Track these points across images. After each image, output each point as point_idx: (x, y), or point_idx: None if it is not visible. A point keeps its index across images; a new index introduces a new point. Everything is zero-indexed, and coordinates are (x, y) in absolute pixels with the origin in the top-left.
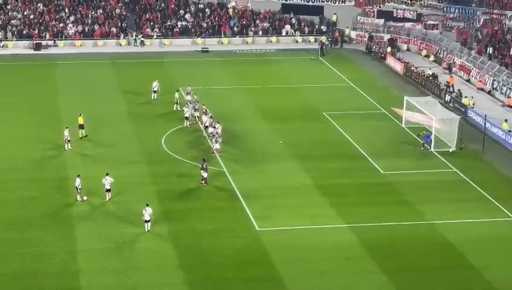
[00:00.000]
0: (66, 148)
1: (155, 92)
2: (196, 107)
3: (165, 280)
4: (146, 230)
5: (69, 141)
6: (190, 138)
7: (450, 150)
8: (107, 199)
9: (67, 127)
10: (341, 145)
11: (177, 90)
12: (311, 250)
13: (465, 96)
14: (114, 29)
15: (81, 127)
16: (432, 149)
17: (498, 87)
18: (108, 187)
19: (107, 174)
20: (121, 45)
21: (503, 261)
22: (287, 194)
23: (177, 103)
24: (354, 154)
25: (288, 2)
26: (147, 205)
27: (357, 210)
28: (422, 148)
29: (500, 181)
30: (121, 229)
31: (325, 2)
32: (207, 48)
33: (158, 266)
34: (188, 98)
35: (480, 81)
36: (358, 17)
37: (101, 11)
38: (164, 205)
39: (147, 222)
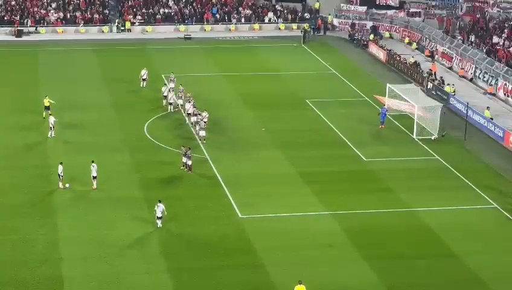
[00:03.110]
0: (49, 136)
1: (144, 80)
2: (180, 95)
3: (147, 268)
4: (158, 227)
5: (53, 128)
6: (173, 125)
7: (433, 138)
8: (94, 186)
9: (51, 114)
10: (324, 133)
11: (164, 84)
12: (293, 237)
13: (448, 84)
14: (96, 16)
15: (47, 108)
16: (415, 136)
17: (480, 74)
18: (94, 174)
19: (92, 162)
20: (103, 31)
21: (485, 248)
22: (269, 182)
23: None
24: (337, 142)
25: None
26: (159, 201)
27: (339, 198)
28: (381, 125)
29: (482, 169)
30: (104, 217)
31: None
32: (190, 35)
33: (141, 254)
34: (172, 85)
35: (462, 68)
36: (341, 5)
37: None
38: (147, 192)
39: (159, 218)
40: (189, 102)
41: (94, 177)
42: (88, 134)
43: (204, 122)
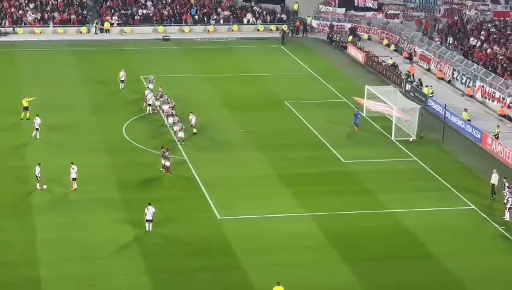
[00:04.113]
0: (34, 136)
1: (122, 81)
2: (157, 96)
3: (126, 269)
4: (147, 230)
5: (37, 129)
6: (151, 126)
7: (411, 139)
8: (74, 187)
9: (37, 115)
10: (302, 135)
11: (147, 87)
12: (272, 239)
13: (426, 86)
14: (74, 17)
15: (26, 109)
16: (393, 138)
17: (458, 76)
18: (74, 176)
19: (72, 163)
20: (81, 32)
21: (463, 249)
22: (248, 183)
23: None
24: (316, 144)
25: None
26: (149, 204)
27: (318, 199)
28: (355, 128)
29: (460, 170)
30: (82, 218)
31: None
32: (168, 36)
33: (119, 255)
34: (150, 86)
35: (440, 70)
36: (320, 6)
37: None
38: (125, 193)
39: (148, 221)
40: (169, 103)
41: (74, 179)
42: (66, 135)
43: (194, 124)
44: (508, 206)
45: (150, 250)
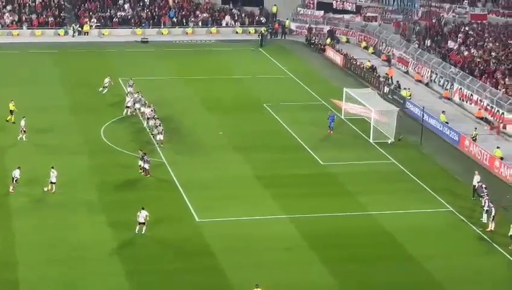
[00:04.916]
0: (20, 139)
1: (106, 87)
2: (137, 100)
3: (105, 271)
4: (136, 232)
5: (24, 131)
6: (129, 129)
7: (389, 142)
8: (53, 191)
9: (24, 117)
10: (281, 137)
11: (127, 93)
12: (252, 241)
13: (404, 88)
14: (52, 19)
15: (12, 112)
16: (372, 140)
17: (436, 79)
18: (54, 180)
19: (52, 167)
20: (59, 34)
21: (442, 250)
22: (227, 186)
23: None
24: (294, 146)
25: None
26: (143, 209)
27: (297, 201)
28: (329, 130)
29: (438, 172)
30: (61, 220)
31: None
32: (146, 39)
33: (99, 257)
34: (130, 89)
35: (418, 73)
36: (298, 9)
37: (39, 0)
38: (104, 196)
39: (140, 223)
40: (149, 107)
41: (52, 183)
42: (45, 137)
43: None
44: (485, 208)
45: (129, 251)
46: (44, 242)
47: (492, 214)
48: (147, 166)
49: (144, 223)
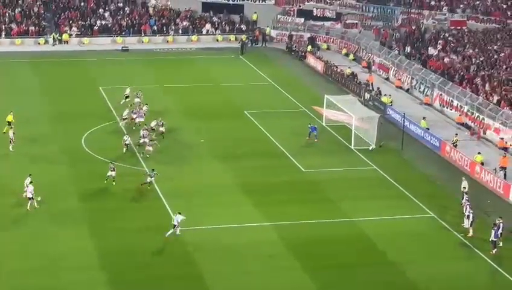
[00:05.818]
0: (10, 149)
1: (127, 97)
2: (136, 111)
3: (87, 280)
4: (167, 234)
5: (13, 141)
6: (110, 137)
7: (370, 148)
8: (28, 207)
9: (11, 128)
10: (262, 144)
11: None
12: (233, 248)
13: (384, 95)
14: (32, 28)
15: (10, 123)
16: (353, 147)
17: (416, 85)
18: (30, 195)
19: (30, 182)
20: (39, 43)
21: (424, 257)
22: (208, 193)
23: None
24: (276, 153)
25: (208, 0)
26: (179, 213)
27: (279, 208)
28: (308, 138)
29: (419, 178)
30: (41, 229)
31: (245, 1)
32: (127, 47)
33: (80, 266)
34: (137, 100)
35: (398, 79)
36: (279, 16)
37: (18, 9)
38: (85, 204)
39: (175, 226)
40: (155, 119)
41: (30, 199)
42: (25, 146)
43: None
44: (466, 213)
45: (110, 260)
46: (24, 252)
47: (470, 219)
48: (113, 174)
49: (177, 226)
